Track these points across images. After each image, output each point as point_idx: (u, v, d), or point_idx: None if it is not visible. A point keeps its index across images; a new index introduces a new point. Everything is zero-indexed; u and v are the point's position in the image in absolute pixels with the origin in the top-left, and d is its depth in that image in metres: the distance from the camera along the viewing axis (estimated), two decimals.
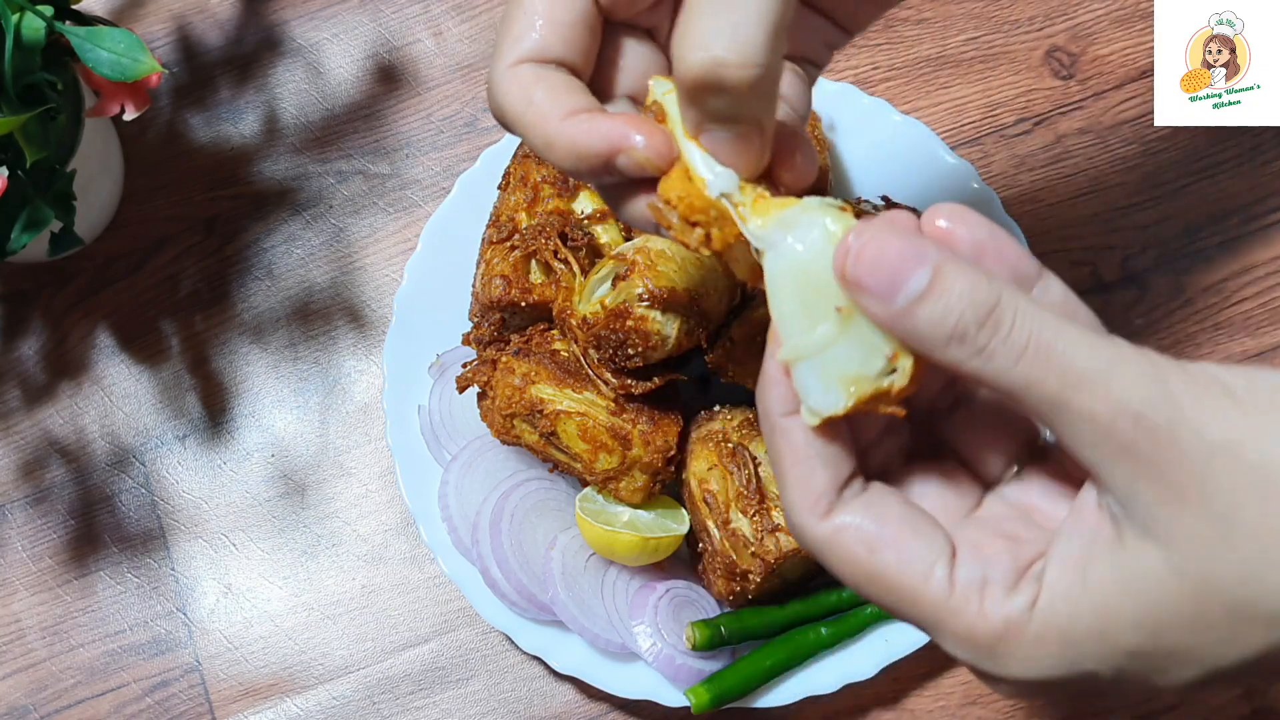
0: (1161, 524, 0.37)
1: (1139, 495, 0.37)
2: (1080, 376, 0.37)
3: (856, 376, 0.40)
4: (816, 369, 0.41)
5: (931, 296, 0.38)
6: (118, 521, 0.86)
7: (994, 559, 0.40)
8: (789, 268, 0.41)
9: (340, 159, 0.91)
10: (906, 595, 0.40)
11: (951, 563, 0.40)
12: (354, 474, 0.86)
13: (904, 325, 0.39)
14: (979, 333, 0.38)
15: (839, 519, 0.41)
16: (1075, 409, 0.37)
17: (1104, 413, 0.37)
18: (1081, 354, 0.37)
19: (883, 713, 0.80)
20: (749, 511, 0.72)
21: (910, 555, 0.40)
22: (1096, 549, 0.39)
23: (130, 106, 0.74)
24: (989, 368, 0.38)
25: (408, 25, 0.94)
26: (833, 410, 0.41)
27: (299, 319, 0.89)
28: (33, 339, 0.89)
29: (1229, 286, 0.86)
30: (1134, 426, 0.37)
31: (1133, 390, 0.37)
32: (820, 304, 0.40)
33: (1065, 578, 0.39)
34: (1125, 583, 0.38)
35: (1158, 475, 0.37)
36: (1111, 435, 0.37)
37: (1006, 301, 0.38)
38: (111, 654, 0.84)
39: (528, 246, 0.76)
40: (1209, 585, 0.37)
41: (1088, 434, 0.37)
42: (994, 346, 0.38)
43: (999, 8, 0.92)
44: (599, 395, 0.74)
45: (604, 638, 0.76)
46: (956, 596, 0.40)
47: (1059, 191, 0.89)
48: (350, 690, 0.83)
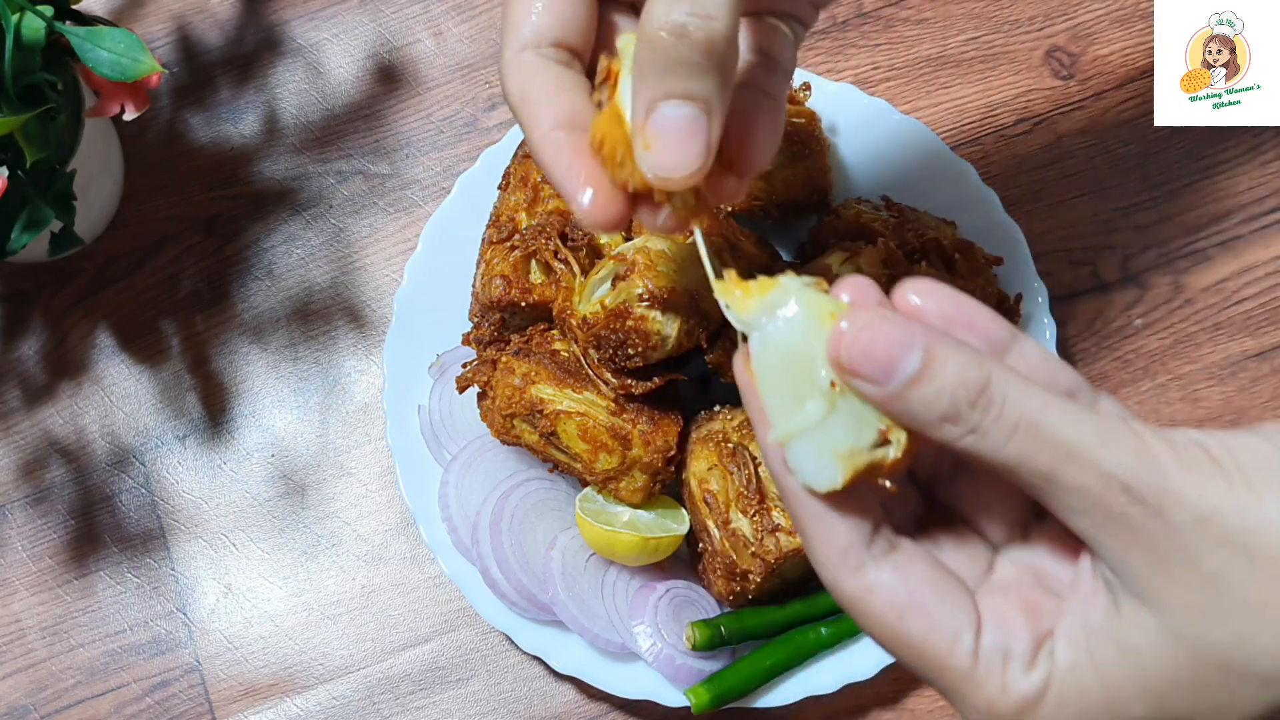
0: (1154, 591, 0.39)
1: (1131, 564, 0.39)
2: (1070, 451, 0.39)
3: (850, 451, 0.41)
4: (809, 446, 0.41)
5: (924, 379, 0.39)
6: (118, 521, 0.86)
7: (1014, 630, 0.42)
8: (774, 349, 0.42)
9: (340, 159, 0.91)
10: (932, 662, 0.42)
11: (977, 632, 0.42)
12: (354, 474, 0.86)
13: (898, 407, 0.40)
14: (971, 412, 0.39)
15: (869, 578, 0.42)
16: (1066, 482, 0.39)
17: (1094, 485, 0.38)
18: (1069, 429, 0.39)
19: (883, 713, 0.80)
20: (749, 511, 0.72)
21: (937, 623, 0.42)
22: (1097, 621, 0.40)
23: (130, 106, 0.74)
24: (981, 445, 0.40)
25: (408, 25, 0.94)
26: (830, 485, 0.41)
27: (299, 319, 0.89)
28: (33, 339, 0.89)
29: (1229, 286, 0.86)
30: (1123, 497, 0.38)
31: (1120, 463, 0.38)
32: (807, 382, 0.41)
33: (1073, 654, 0.40)
34: (1125, 654, 0.39)
35: (1148, 544, 0.38)
36: (1102, 506, 0.38)
37: (997, 381, 0.39)
38: (111, 654, 0.84)
39: (528, 246, 0.76)
40: (1203, 650, 0.38)
41: (1079, 505, 0.39)
42: (986, 425, 0.39)
43: (999, 8, 0.92)
44: (599, 395, 0.74)
45: (604, 638, 0.76)
46: (980, 669, 0.41)
47: (1059, 191, 0.89)
48: (350, 690, 0.83)
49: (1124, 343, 0.86)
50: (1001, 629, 0.41)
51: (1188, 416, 0.84)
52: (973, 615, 0.42)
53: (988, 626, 0.42)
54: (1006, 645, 0.41)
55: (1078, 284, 0.87)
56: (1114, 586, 0.40)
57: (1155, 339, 0.86)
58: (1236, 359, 0.85)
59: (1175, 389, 0.85)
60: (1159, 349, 0.86)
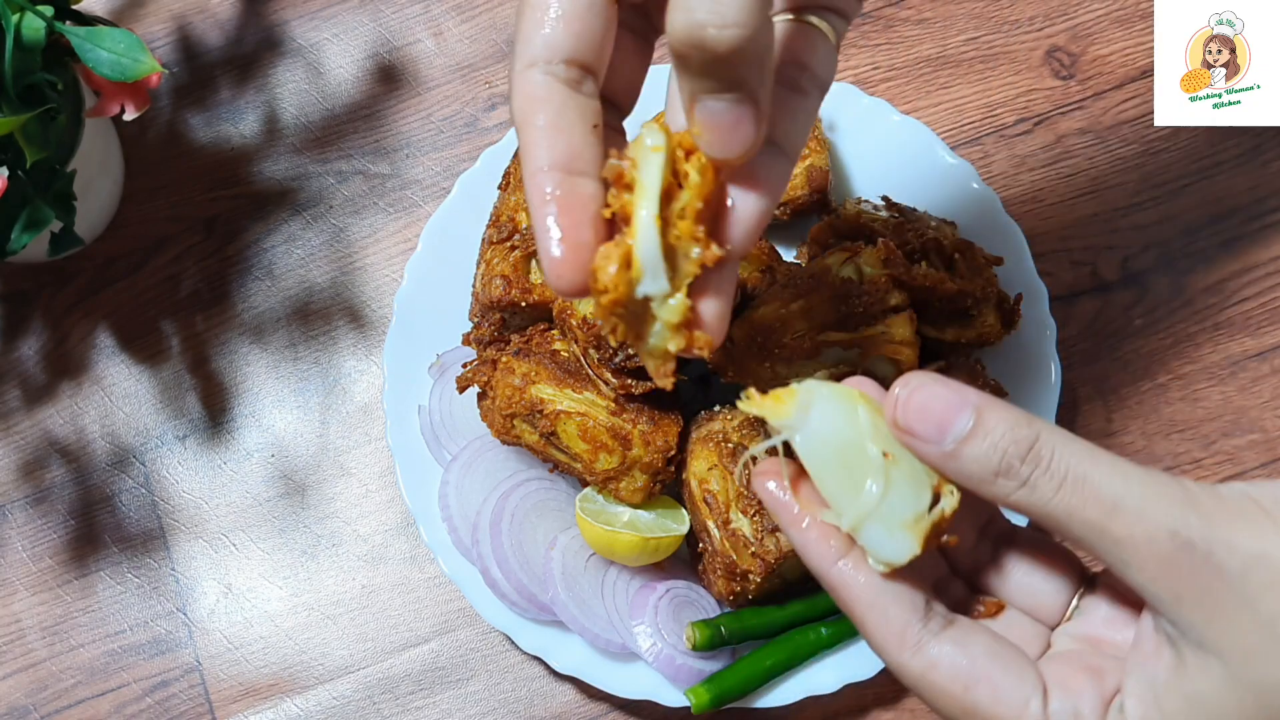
0: (1213, 638, 0.40)
1: (1188, 613, 0.40)
2: (1116, 503, 0.40)
3: (915, 517, 0.43)
4: (879, 524, 0.44)
5: (976, 436, 0.42)
6: (118, 521, 0.86)
7: (1081, 693, 0.43)
8: (823, 442, 0.44)
9: (340, 159, 0.91)
10: None
11: (1044, 698, 0.43)
12: (354, 474, 0.86)
13: (953, 465, 0.42)
14: (1021, 467, 0.41)
15: (930, 654, 0.43)
16: (1115, 534, 0.40)
17: (1142, 535, 0.40)
18: (1116, 482, 0.40)
19: (883, 713, 0.80)
20: (749, 511, 0.72)
21: (1004, 692, 0.43)
22: (1162, 675, 0.41)
23: (130, 106, 0.74)
24: (1031, 499, 0.41)
25: (408, 25, 0.94)
26: (910, 555, 0.44)
27: (299, 319, 0.89)
28: (33, 339, 0.89)
29: (1229, 286, 0.86)
30: (1172, 545, 0.39)
31: (1167, 512, 0.40)
32: (860, 463, 0.44)
33: (1142, 709, 0.41)
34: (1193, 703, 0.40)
35: (1201, 590, 0.39)
36: (1152, 555, 0.40)
37: (1045, 437, 0.41)
38: (112, 654, 0.84)
39: (528, 246, 0.76)
40: (1266, 691, 0.39)
41: (1130, 556, 0.40)
42: (1035, 479, 0.41)
43: (999, 8, 0.92)
44: (599, 395, 0.74)
45: (604, 638, 0.76)
46: None
47: (1059, 191, 0.89)
48: (350, 690, 0.83)
49: (1124, 343, 0.86)
50: (1068, 693, 0.43)
51: (1188, 416, 0.84)
52: (1038, 682, 0.43)
53: (1054, 692, 0.43)
54: (1075, 708, 0.42)
55: (1078, 284, 0.87)
56: (1175, 639, 0.41)
57: (1155, 339, 0.86)
58: (1236, 359, 0.85)
59: (1175, 389, 0.85)
60: (1159, 349, 0.86)
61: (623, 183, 0.42)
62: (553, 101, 0.43)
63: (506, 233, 0.78)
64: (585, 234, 0.42)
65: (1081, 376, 0.85)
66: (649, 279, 0.42)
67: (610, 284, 0.41)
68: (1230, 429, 0.84)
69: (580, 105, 0.43)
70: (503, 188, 0.81)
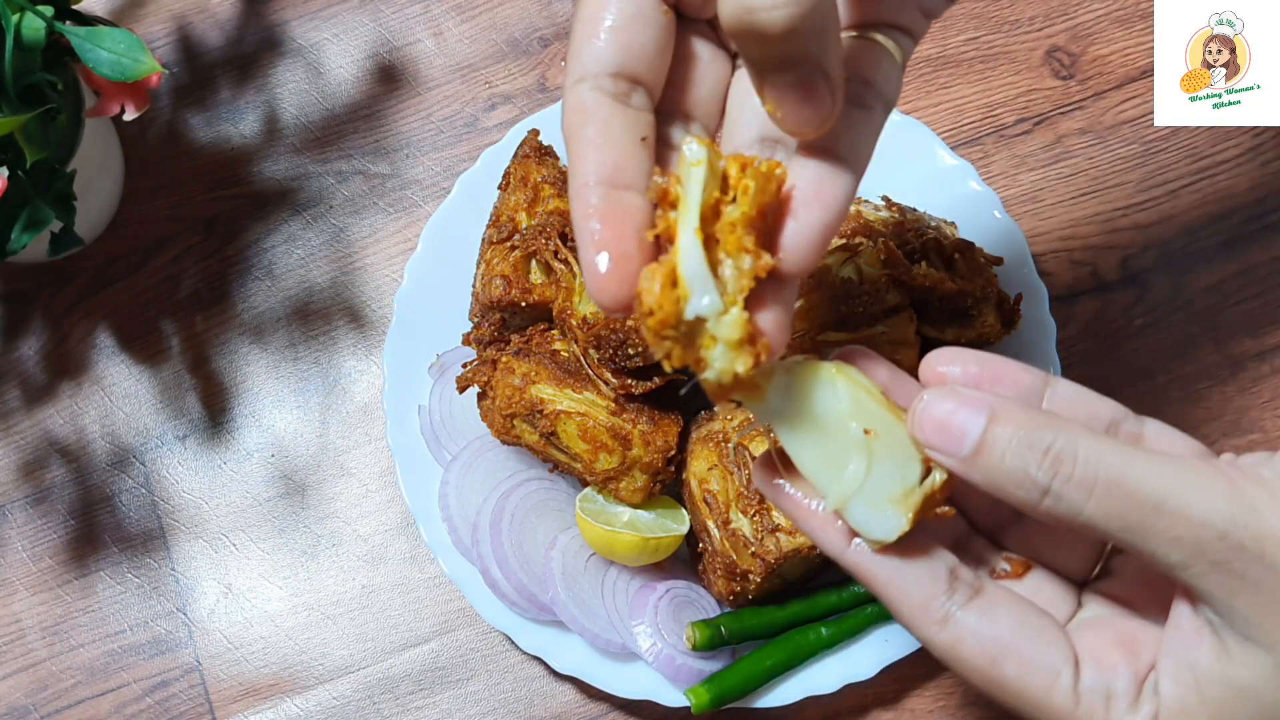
0: (1264, 631, 0.39)
1: (1238, 608, 0.39)
2: (1157, 504, 0.39)
3: (904, 493, 0.42)
4: (865, 503, 0.43)
5: (985, 447, 0.41)
6: (118, 521, 0.86)
7: (1114, 668, 0.42)
8: (802, 423, 0.43)
9: (340, 159, 0.91)
10: (1031, 704, 0.42)
11: (1075, 670, 0.42)
12: (354, 474, 0.86)
13: (976, 477, 0.41)
14: (1039, 474, 0.40)
15: (957, 627, 0.43)
16: (1159, 534, 0.39)
17: (1190, 537, 0.39)
18: (1154, 480, 0.39)
19: (883, 713, 0.80)
20: (749, 511, 0.72)
21: (1033, 664, 0.42)
22: (1204, 661, 0.41)
23: (130, 106, 0.74)
24: (1060, 508, 0.40)
25: (408, 25, 0.94)
26: (899, 531, 0.43)
27: (299, 319, 0.89)
28: (33, 339, 0.89)
29: (1229, 286, 0.86)
30: (1221, 545, 0.39)
31: (1213, 509, 0.39)
32: (842, 441, 0.42)
33: (1180, 692, 0.41)
34: (1239, 693, 0.40)
35: (1253, 586, 0.39)
36: (1200, 555, 0.39)
37: (1065, 440, 0.40)
38: (112, 654, 0.84)
39: (528, 246, 0.76)
40: None
41: (1176, 556, 0.39)
42: (1057, 488, 0.40)
43: (999, 8, 0.92)
44: (599, 395, 0.74)
45: (604, 638, 0.76)
46: (1082, 708, 0.42)
47: (1059, 191, 0.89)
48: (350, 690, 0.83)
49: (1124, 343, 0.86)
50: (1101, 667, 0.42)
51: (1188, 417, 0.84)
52: (1069, 653, 0.42)
53: (1086, 665, 0.42)
54: (1108, 684, 0.42)
55: (1078, 284, 0.87)
56: (1219, 627, 0.40)
57: (1155, 339, 0.86)
58: (1236, 359, 0.85)
59: (1175, 389, 0.85)
60: (1159, 349, 0.86)
61: (667, 201, 0.41)
62: (599, 115, 0.42)
63: (506, 233, 0.78)
64: (629, 246, 0.40)
65: (1081, 376, 0.84)
66: (697, 296, 0.40)
67: (656, 304, 0.39)
68: (1230, 429, 0.84)
69: (627, 119, 0.42)
70: (503, 188, 0.81)
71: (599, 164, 0.41)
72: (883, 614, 0.77)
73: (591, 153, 0.41)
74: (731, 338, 0.40)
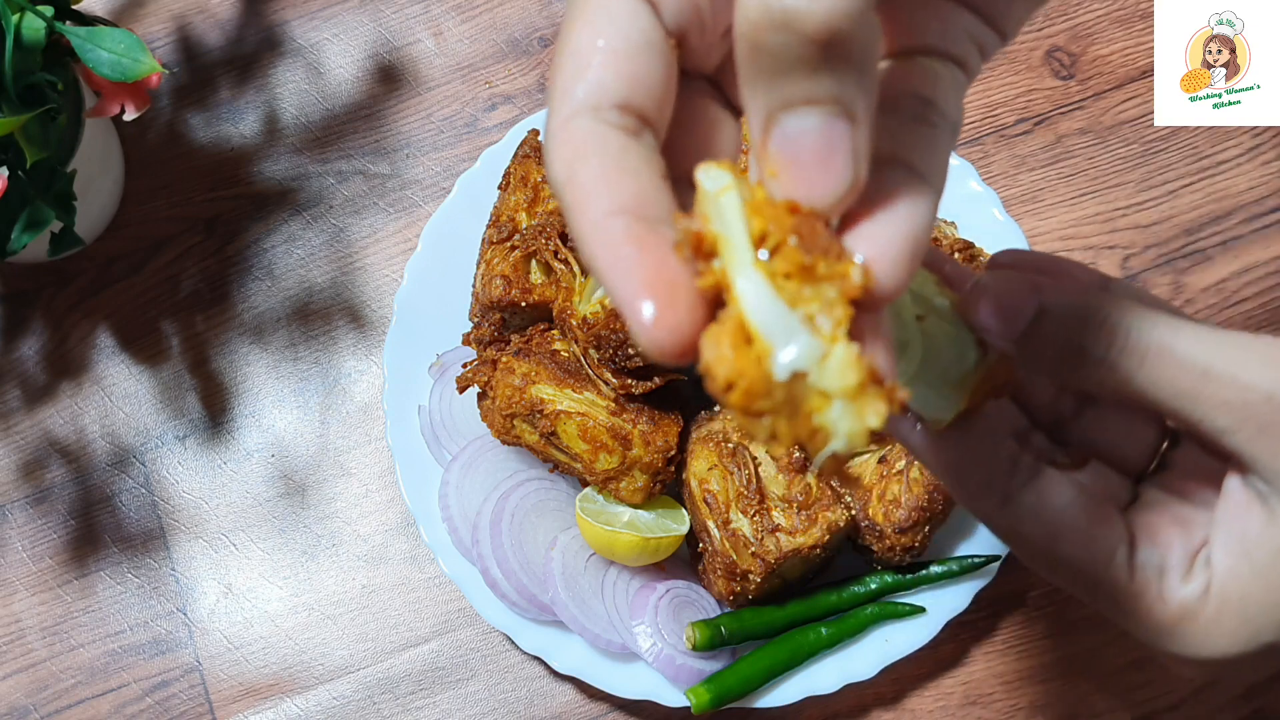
0: None
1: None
2: (1207, 370, 0.40)
3: (961, 376, 0.42)
4: (923, 385, 0.42)
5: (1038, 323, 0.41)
6: (118, 521, 0.86)
7: (1169, 544, 0.43)
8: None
9: (340, 159, 0.91)
10: (1088, 580, 0.43)
11: (1131, 549, 0.42)
12: (354, 474, 0.86)
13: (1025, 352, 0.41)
14: (1095, 345, 0.40)
15: (1017, 506, 0.43)
16: (1208, 399, 0.40)
17: (1237, 400, 0.39)
18: (1203, 348, 0.40)
19: (883, 713, 0.80)
20: (749, 511, 0.72)
21: (1091, 542, 0.42)
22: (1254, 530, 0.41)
23: (130, 106, 0.74)
24: (1114, 378, 0.41)
25: (408, 25, 0.94)
26: (955, 409, 0.42)
27: (299, 319, 0.89)
28: (33, 339, 0.89)
29: (1229, 286, 0.86)
30: (1268, 407, 0.39)
31: (1260, 374, 0.39)
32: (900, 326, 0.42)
33: (1230, 561, 0.41)
34: None
35: None
36: (1248, 419, 0.39)
37: (1115, 314, 0.40)
38: (112, 654, 0.84)
39: (528, 246, 0.76)
40: None
41: (1224, 422, 0.40)
42: (1113, 358, 0.40)
43: None
44: (599, 395, 0.74)
45: (604, 638, 0.76)
46: (1137, 582, 0.42)
47: (1059, 191, 0.89)
48: (350, 690, 0.83)
49: None
50: (1156, 543, 0.42)
51: None
52: (1124, 532, 0.43)
53: (1142, 542, 0.43)
54: (1162, 559, 0.42)
55: None
56: (1267, 496, 0.41)
57: None
58: None
59: None
60: None
61: (703, 250, 0.32)
62: (608, 147, 0.33)
63: (506, 233, 0.78)
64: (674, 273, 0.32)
65: None
66: (783, 343, 0.30)
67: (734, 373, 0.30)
68: None
69: (643, 152, 0.33)
70: (503, 188, 0.81)
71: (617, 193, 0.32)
72: (883, 614, 0.77)
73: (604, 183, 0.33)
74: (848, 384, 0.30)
